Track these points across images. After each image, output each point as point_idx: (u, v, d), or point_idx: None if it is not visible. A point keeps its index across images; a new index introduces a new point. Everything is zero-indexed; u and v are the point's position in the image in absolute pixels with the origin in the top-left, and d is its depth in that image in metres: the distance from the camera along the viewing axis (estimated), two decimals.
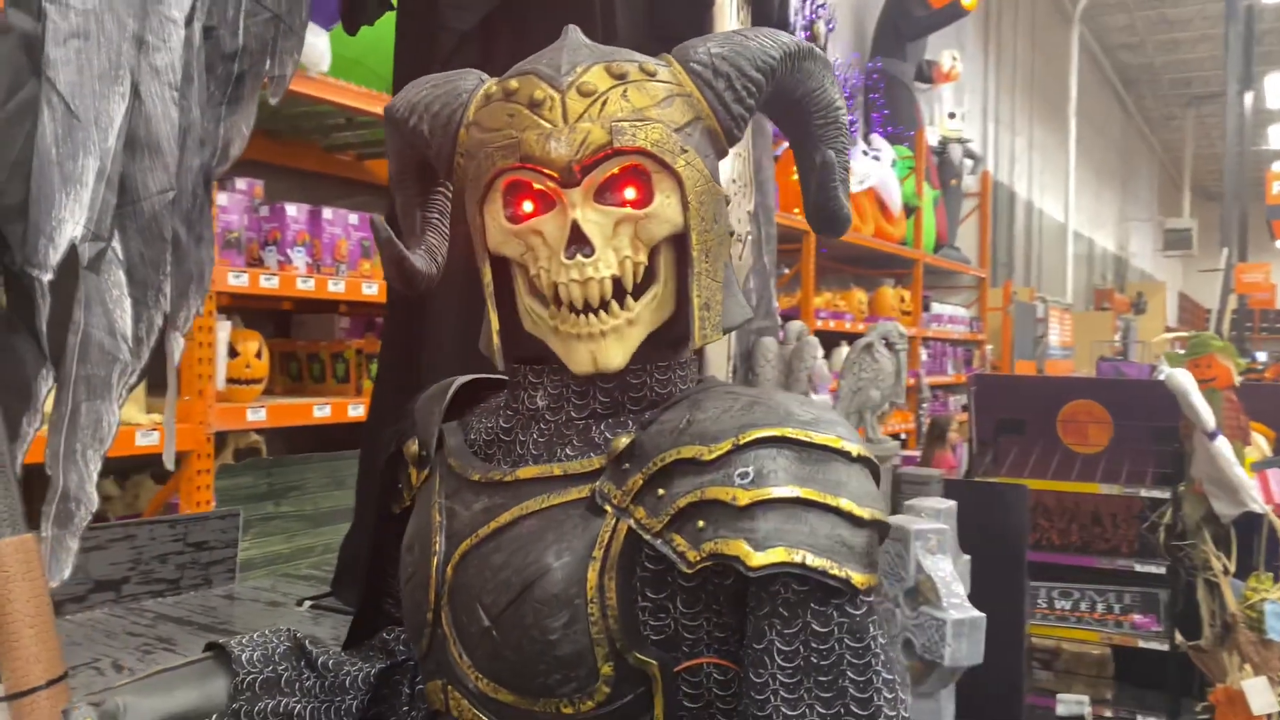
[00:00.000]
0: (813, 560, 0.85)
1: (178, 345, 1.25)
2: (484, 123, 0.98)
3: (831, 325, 6.25)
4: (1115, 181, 21.15)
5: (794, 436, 0.90)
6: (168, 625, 1.86)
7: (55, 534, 1.08)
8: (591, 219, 0.94)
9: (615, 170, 0.95)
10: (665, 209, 0.96)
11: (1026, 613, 2.86)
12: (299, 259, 3.17)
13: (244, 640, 1.06)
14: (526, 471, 0.98)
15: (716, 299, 1.00)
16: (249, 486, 2.45)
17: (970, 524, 2.54)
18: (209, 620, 1.90)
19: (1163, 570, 3.58)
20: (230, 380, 3.00)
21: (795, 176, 6.52)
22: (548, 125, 0.94)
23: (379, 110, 3.17)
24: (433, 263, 1.10)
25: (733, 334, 2.18)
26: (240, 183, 3.21)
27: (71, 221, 1.08)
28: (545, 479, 0.97)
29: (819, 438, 0.90)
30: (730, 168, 1.66)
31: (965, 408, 5.24)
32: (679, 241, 0.98)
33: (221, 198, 2.98)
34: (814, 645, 0.87)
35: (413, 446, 1.09)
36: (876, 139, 7.23)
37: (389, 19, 1.93)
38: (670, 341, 1.01)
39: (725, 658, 0.93)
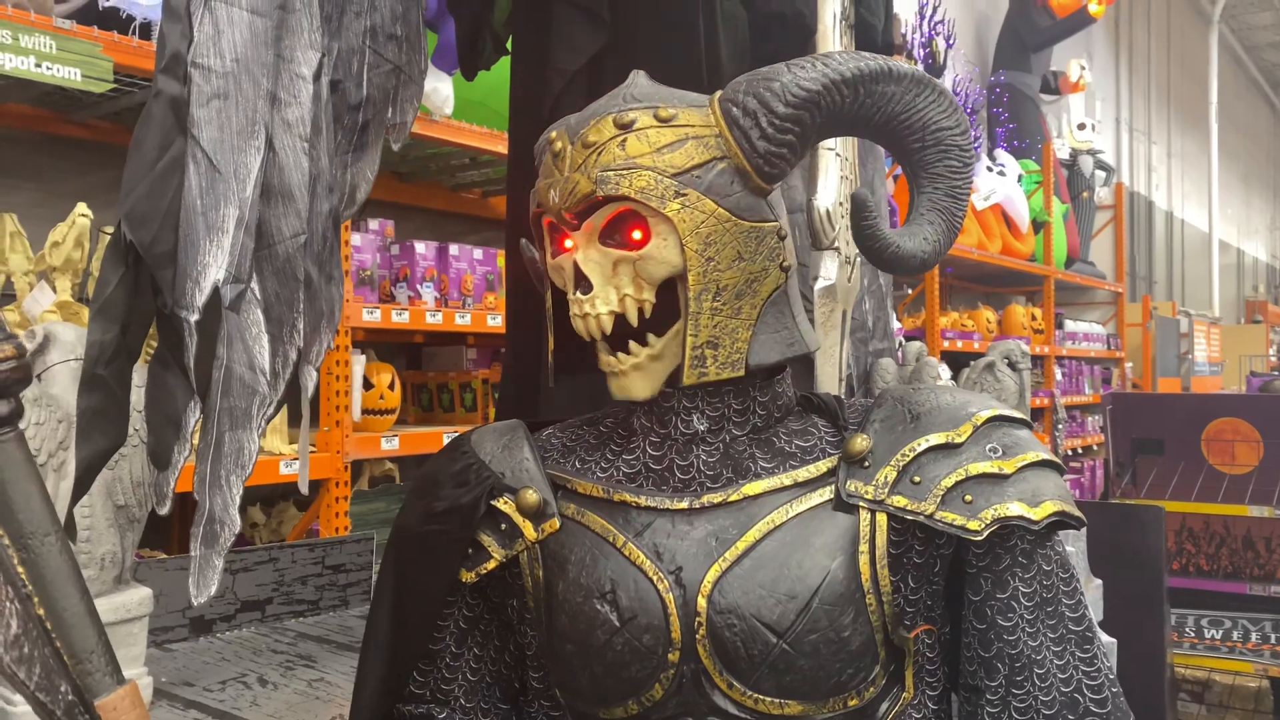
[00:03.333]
0: (1067, 507, 1.00)
1: (310, 378, 1.33)
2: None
3: (959, 345, 6.10)
4: (1266, 187, 20.01)
5: (1004, 414, 1.05)
6: (308, 643, 1.96)
7: (202, 553, 1.16)
8: (593, 259, 1.01)
9: (613, 214, 1.00)
10: (661, 250, 1.00)
11: (1167, 640, 2.74)
12: (428, 294, 3.30)
13: None
14: (753, 488, 1.01)
15: (739, 335, 1.01)
16: (382, 511, 2.56)
17: (1103, 547, 2.45)
18: (346, 639, 2.00)
19: None
20: (365, 411, 3.14)
21: None
22: (557, 175, 1.03)
23: (501, 149, 3.30)
24: None
25: (846, 354, 2.17)
26: (373, 223, 3.38)
27: (215, 266, 1.18)
28: (776, 491, 1.01)
29: (1014, 414, 1.05)
30: (836, 191, 1.67)
31: (1102, 428, 5.04)
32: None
33: (355, 238, 3.14)
34: (1043, 582, 1.01)
35: (530, 496, 1.05)
36: (1001, 154, 7.06)
37: (506, 62, 2.01)
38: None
39: (930, 623, 1.03)
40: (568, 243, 1.03)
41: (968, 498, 0.98)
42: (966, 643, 1.04)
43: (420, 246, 3.32)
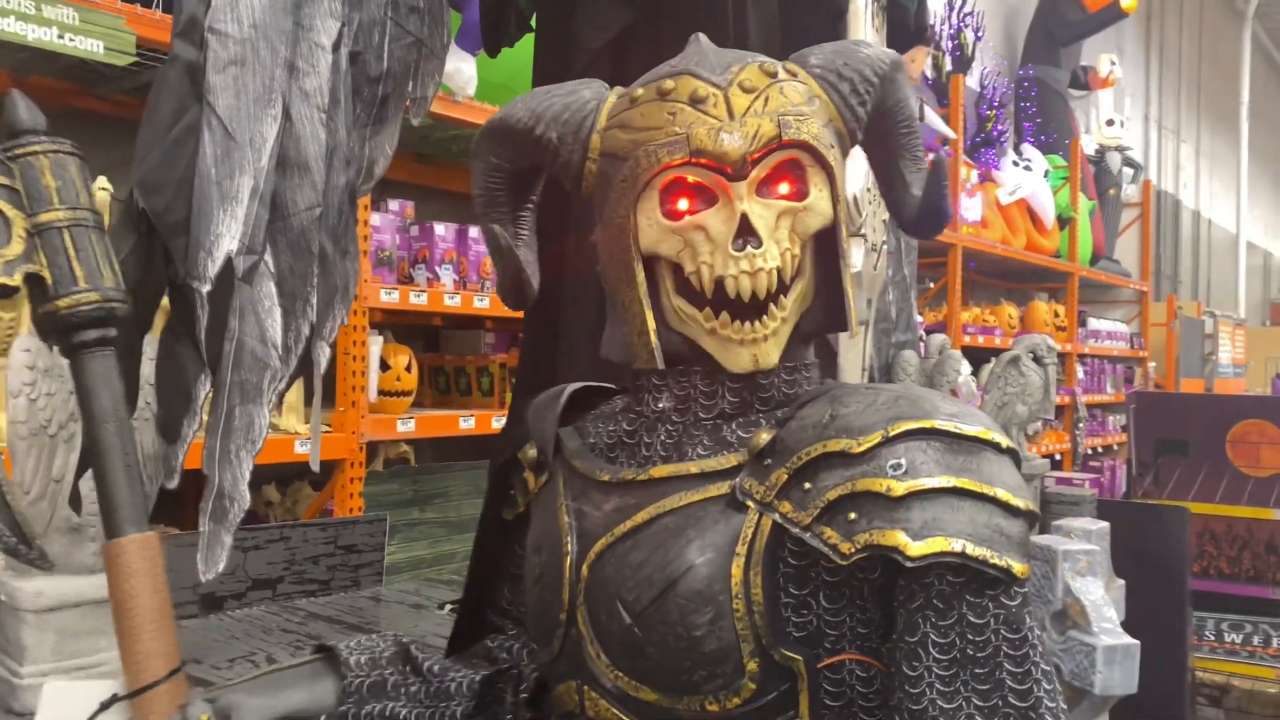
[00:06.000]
0: (972, 549, 0.85)
1: (323, 354, 1.31)
2: (634, 123, 0.98)
3: (980, 341, 6.04)
4: None
5: (943, 428, 0.90)
6: (318, 624, 1.94)
7: (211, 529, 1.14)
8: (758, 211, 0.95)
9: (779, 163, 0.96)
10: (820, 202, 0.97)
11: (1189, 643, 2.70)
12: (446, 276, 3.28)
13: (352, 644, 1.08)
14: (660, 470, 0.99)
15: (848, 292, 1.01)
16: (396, 493, 2.55)
17: (1126, 548, 2.41)
18: (356, 620, 1.98)
19: None
20: (382, 392, 3.12)
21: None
22: (716, 120, 0.95)
23: None
24: (535, 278, 1.11)
25: (869, 345, 2.14)
26: (393, 204, 3.36)
27: (228, 236, 1.16)
28: (681, 477, 0.98)
29: (968, 429, 0.90)
30: (864, 176, 1.63)
31: (1124, 427, 4.99)
32: (822, 235, 0.99)
33: (375, 218, 3.12)
34: (970, 637, 0.87)
35: (530, 451, 1.11)
36: (1027, 148, 6.99)
37: (529, 43, 1.98)
38: (803, 336, 1.02)
39: (867, 654, 0.92)
40: (682, 203, 0.96)
41: (852, 515, 0.88)
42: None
43: (440, 228, 3.29)
